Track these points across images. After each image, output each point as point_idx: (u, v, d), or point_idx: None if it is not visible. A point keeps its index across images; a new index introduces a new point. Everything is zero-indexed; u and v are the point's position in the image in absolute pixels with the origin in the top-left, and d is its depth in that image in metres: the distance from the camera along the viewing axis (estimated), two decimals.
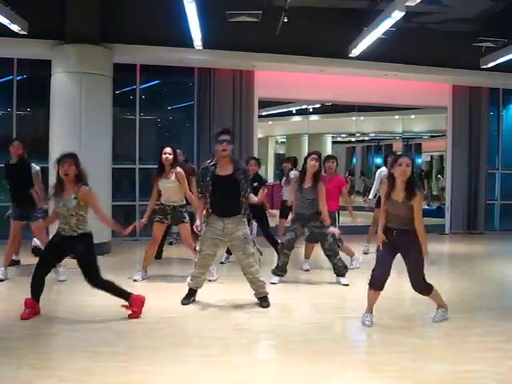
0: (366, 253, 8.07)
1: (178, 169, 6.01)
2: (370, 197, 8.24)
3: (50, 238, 4.79)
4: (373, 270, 4.50)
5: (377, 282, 4.44)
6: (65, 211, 4.48)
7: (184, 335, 4.23)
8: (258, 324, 4.55)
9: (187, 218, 6.11)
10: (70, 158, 4.53)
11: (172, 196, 6.03)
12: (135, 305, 4.63)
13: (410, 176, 4.33)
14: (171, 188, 5.99)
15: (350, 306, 5.33)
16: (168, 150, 5.95)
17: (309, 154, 6.03)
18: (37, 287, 4.57)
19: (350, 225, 7.67)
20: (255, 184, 6.92)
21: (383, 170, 8.05)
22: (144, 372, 3.47)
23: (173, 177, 5.96)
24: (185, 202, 6.16)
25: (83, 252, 4.53)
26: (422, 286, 4.48)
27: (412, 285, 4.49)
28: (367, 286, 4.52)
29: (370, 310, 4.56)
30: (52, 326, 4.41)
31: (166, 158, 5.92)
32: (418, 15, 9.21)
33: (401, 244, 4.41)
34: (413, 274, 4.45)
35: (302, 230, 6.14)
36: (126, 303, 4.62)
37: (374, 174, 13.41)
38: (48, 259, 4.67)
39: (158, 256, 7.11)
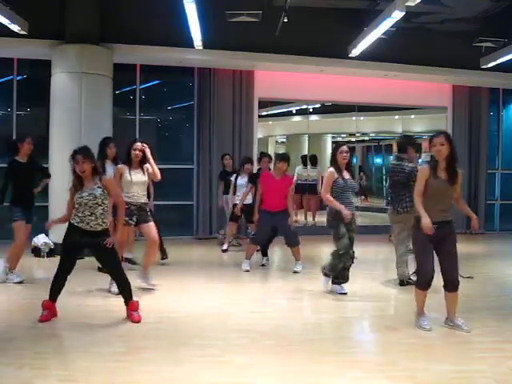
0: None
1: (147, 165, 5.68)
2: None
3: (66, 237, 4.57)
4: (419, 271, 4.31)
5: (429, 283, 4.27)
6: (91, 199, 4.40)
7: (184, 335, 4.23)
8: (258, 324, 4.55)
9: (151, 217, 5.72)
10: (82, 154, 4.44)
11: (141, 192, 5.60)
12: (131, 309, 4.62)
13: (449, 154, 4.13)
14: (144, 183, 5.63)
15: (350, 306, 5.33)
16: (139, 145, 5.60)
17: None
18: (58, 289, 4.56)
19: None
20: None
21: None
22: (144, 372, 3.47)
23: (145, 172, 5.63)
24: (147, 200, 5.83)
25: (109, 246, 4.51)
26: (458, 280, 4.32)
27: (449, 279, 4.29)
28: (417, 289, 4.37)
29: (423, 311, 4.42)
30: (52, 326, 4.41)
31: (136, 154, 5.54)
32: (418, 15, 9.20)
33: (439, 237, 4.20)
34: (454, 267, 4.29)
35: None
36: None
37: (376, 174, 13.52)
38: (71, 261, 4.59)
39: (164, 256, 7.03)
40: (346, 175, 5.51)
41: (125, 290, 4.68)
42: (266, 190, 6.64)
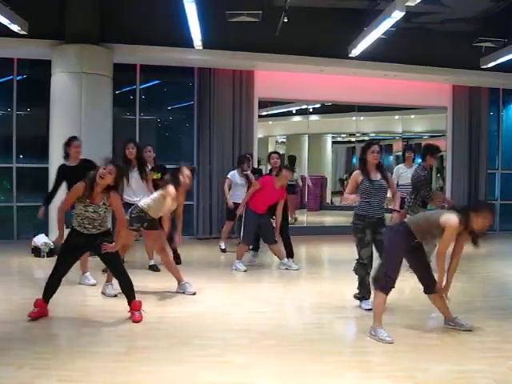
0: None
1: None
2: (389, 195, 7.63)
3: (68, 239, 4.61)
4: (389, 275, 4.17)
5: (392, 287, 4.21)
6: (95, 216, 4.51)
7: (184, 335, 4.23)
8: (258, 324, 4.55)
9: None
10: (116, 167, 4.49)
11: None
12: (133, 309, 4.61)
13: None
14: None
15: (350, 306, 5.32)
16: (188, 172, 5.34)
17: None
18: (52, 288, 4.55)
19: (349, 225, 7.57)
20: None
21: (401, 166, 7.93)
22: (144, 372, 3.47)
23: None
24: None
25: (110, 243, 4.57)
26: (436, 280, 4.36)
27: (430, 281, 4.32)
28: (380, 293, 4.20)
29: (381, 321, 4.22)
30: (52, 326, 4.41)
31: (187, 181, 5.33)
32: (418, 15, 9.20)
33: (414, 247, 4.27)
34: (430, 269, 4.35)
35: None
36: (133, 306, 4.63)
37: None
38: (68, 263, 4.61)
39: (178, 261, 6.99)
40: (376, 176, 5.04)
41: (126, 290, 4.68)
42: (262, 195, 6.74)
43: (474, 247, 4.21)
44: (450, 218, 4.08)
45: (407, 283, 5.17)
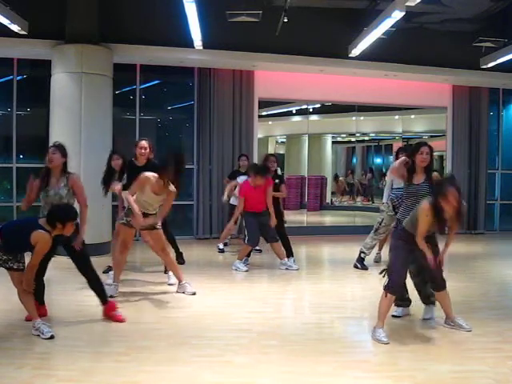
0: (377, 261, 7.40)
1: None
2: (384, 200, 7.15)
3: None
4: (393, 275, 4.19)
5: (400, 289, 4.23)
6: (57, 199, 4.50)
7: (184, 335, 4.23)
8: (257, 324, 4.56)
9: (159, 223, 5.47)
10: (54, 146, 4.67)
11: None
12: (112, 310, 4.59)
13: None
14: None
15: (350, 306, 5.33)
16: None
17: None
18: (39, 292, 4.52)
19: (349, 225, 7.61)
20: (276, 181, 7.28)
21: None
22: (144, 372, 3.47)
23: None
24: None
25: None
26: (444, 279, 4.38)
27: (436, 279, 4.33)
28: (386, 294, 4.21)
29: (384, 322, 4.24)
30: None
31: None
32: (418, 15, 9.21)
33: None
34: (438, 267, 4.30)
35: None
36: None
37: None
38: (43, 263, 4.46)
39: (182, 261, 7.06)
40: (420, 179, 4.53)
41: (98, 289, 4.61)
42: (250, 199, 6.83)
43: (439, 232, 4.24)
44: (422, 204, 4.17)
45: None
